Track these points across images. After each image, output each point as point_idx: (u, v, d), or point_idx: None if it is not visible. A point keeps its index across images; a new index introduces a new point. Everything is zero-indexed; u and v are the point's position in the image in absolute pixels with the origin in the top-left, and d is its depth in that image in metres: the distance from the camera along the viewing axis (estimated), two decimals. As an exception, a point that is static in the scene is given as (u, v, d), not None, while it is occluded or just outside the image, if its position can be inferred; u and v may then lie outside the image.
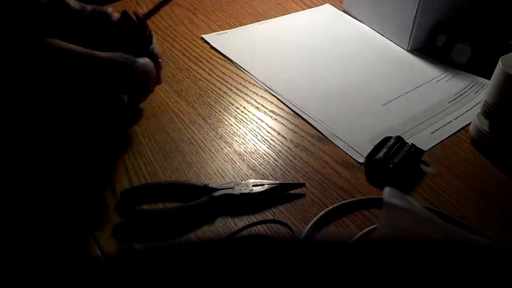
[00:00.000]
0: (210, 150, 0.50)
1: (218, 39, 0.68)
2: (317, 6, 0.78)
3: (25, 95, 0.47)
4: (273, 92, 0.59)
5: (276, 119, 0.55)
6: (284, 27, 0.72)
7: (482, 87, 0.61)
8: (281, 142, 0.51)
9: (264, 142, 0.51)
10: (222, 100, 0.57)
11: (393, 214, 0.31)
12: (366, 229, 0.42)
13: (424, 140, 0.52)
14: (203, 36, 0.69)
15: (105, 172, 0.46)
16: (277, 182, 0.45)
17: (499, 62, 0.47)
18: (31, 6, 0.47)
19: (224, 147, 0.50)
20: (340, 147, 0.51)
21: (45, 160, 0.47)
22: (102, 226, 0.41)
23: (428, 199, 0.45)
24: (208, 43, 0.67)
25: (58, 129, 0.50)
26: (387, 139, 0.50)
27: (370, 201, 0.45)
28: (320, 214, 0.43)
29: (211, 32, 0.70)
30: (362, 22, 0.73)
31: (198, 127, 0.53)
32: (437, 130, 0.54)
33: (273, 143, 0.51)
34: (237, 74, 0.62)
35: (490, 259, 0.27)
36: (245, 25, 0.72)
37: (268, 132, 0.53)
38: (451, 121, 0.55)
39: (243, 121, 0.54)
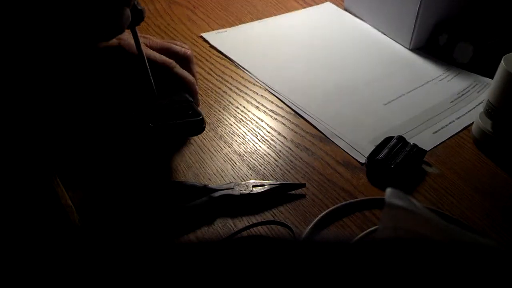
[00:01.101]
0: (209, 150, 0.49)
1: (217, 37, 0.68)
2: (317, 4, 0.78)
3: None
4: (273, 92, 0.58)
5: (276, 119, 0.54)
6: (284, 25, 0.72)
7: (484, 86, 0.60)
8: (282, 142, 0.51)
9: (264, 142, 0.51)
10: (222, 99, 0.57)
11: (395, 215, 0.31)
12: (368, 230, 0.42)
13: (426, 140, 0.51)
14: (203, 34, 0.68)
15: (104, 173, 0.46)
16: (277, 182, 0.45)
17: (502, 61, 0.46)
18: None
19: (224, 147, 0.50)
20: (341, 147, 0.50)
21: (45, 159, 0.47)
22: (101, 226, 0.41)
23: (430, 199, 0.45)
24: (208, 42, 0.67)
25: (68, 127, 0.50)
26: (389, 139, 0.49)
27: (372, 201, 0.44)
28: (321, 214, 0.42)
29: (211, 31, 0.69)
30: (364, 21, 0.73)
31: (198, 127, 0.52)
32: (439, 130, 0.53)
33: (273, 143, 0.51)
34: (236, 73, 0.61)
35: (493, 260, 0.27)
36: (245, 23, 0.72)
37: (268, 132, 0.52)
38: (453, 121, 0.54)
39: (243, 121, 0.54)
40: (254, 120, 0.54)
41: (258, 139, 0.51)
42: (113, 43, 0.49)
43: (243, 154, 0.49)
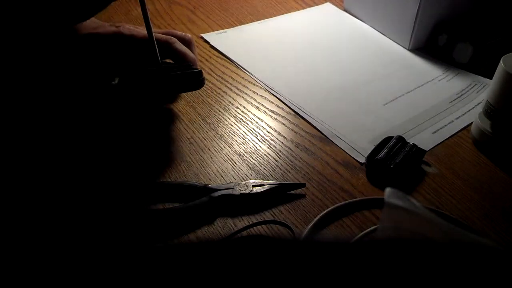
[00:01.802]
0: (209, 150, 0.50)
1: (217, 38, 0.68)
2: (317, 5, 0.78)
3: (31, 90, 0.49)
4: (273, 92, 0.58)
5: (276, 119, 0.54)
6: (285, 26, 0.72)
7: (483, 86, 0.60)
8: (281, 142, 0.51)
9: (264, 142, 0.51)
10: (222, 99, 0.57)
11: (394, 215, 0.31)
12: (367, 230, 0.42)
13: (425, 140, 0.51)
14: (203, 35, 0.68)
15: (103, 172, 0.46)
16: (277, 182, 0.45)
17: (501, 62, 0.47)
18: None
19: (224, 147, 0.50)
20: (341, 147, 0.50)
21: (45, 158, 0.47)
22: (100, 227, 0.41)
23: (429, 199, 0.45)
24: (208, 42, 0.67)
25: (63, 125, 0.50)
26: (388, 139, 0.49)
27: (371, 201, 0.44)
28: (321, 214, 0.42)
29: (211, 31, 0.69)
30: (363, 21, 0.73)
31: (198, 127, 0.53)
32: (438, 130, 0.53)
33: (273, 143, 0.51)
34: (237, 74, 0.61)
35: (492, 260, 0.27)
36: (245, 24, 0.72)
37: (268, 132, 0.52)
38: (452, 121, 0.55)
39: (243, 121, 0.54)
40: (254, 120, 0.54)
41: (258, 139, 0.51)
42: (111, 30, 0.51)
43: (243, 154, 0.49)
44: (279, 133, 0.52)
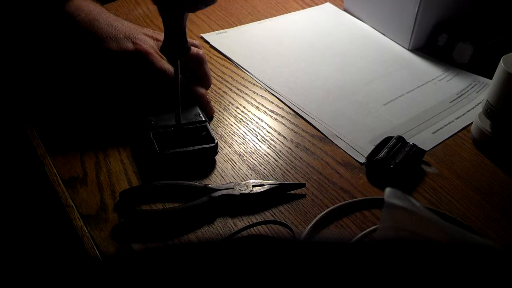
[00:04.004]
0: (209, 150, 0.50)
1: (217, 38, 0.68)
2: (317, 5, 0.78)
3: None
4: (273, 92, 0.58)
5: (276, 119, 0.54)
6: (285, 26, 0.72)
7: (483, 86, 0.60)
8: (281, 142, 0.51)
9: (264, 142, 0.51)
10: (222, 99, 0.57)
11: (394, 215, 0.31)
12: (367, 230, 0.42)
13: (425, 140, 0.51)
14: (203, 35, 0.68)
15: (104, 172, 0.46)
16: (277, 182, 0.45)
17: (501, 62, 0.47)
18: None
19: (224, 147, 0.50)
20: (341, 147, 0.50)
21: (44, 158, 0.47)
22: (101, 227, 0.41)
23: (429, 199, 0.45)
24: (208, 42, 0.67)
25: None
26: (388, 139, 0.49)
27: (371, 201, 0.44)
28: (321, 214, 0.43)
29: (211, 31, 0.69)
30: (363, 21, 0.73)
31: (198, 127, 0.53)
32: (438, 130, 0.53)
33: (273, 143, 0.51)
34: (237, 74, 0.61)
35: (492, 260, 0.27)
36: (245, 24, 0.72)
37: (268, 132, 0.52)
38: (452, 121, 0.55)
39: (243, 121, 0.54)
40: (254, 120, 0.54)
41: (258, 139, 0.51)
42: (129, 48, 0.50)
43: (243, 154, 0.49)
44: (279, 133, 0.52)
